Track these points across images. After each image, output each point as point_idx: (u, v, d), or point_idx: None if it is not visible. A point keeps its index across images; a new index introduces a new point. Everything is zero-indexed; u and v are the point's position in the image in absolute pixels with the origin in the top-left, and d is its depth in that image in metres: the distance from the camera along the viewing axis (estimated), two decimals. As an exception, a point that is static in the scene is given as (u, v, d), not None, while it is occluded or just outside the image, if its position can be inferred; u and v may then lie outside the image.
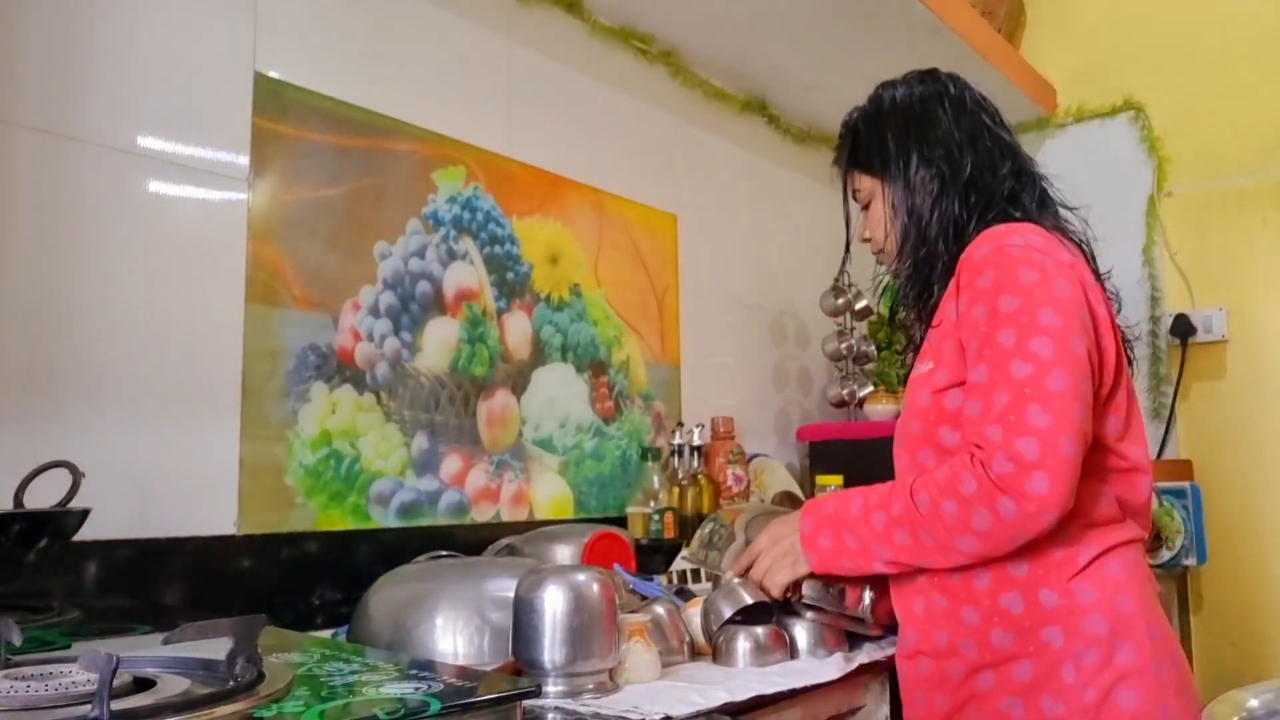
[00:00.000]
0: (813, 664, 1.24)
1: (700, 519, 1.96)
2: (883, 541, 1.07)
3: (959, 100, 1.23)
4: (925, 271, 1.19)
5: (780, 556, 1.19)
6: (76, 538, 1.05)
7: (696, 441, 2.01)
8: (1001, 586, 1.05)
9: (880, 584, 1.22)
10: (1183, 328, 2.45)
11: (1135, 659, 1.01)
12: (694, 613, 1.31)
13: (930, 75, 1.27)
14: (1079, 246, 1.17)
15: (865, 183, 1.27)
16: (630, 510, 1.92)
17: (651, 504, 1.92)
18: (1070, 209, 1.24)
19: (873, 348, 2.52)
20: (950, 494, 1.01)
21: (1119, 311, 1.19)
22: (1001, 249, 1.07)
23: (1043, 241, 1.08)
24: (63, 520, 1.03)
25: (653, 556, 1.72)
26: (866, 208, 1.28)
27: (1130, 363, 1.17)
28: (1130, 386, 1.13)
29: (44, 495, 1.04)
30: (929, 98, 1.23)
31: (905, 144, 1.21)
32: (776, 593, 1.20)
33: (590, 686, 1.04)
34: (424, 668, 0.85)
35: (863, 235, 1.31)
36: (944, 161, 1.19)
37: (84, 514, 1.04)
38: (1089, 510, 1.05)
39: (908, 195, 1.20)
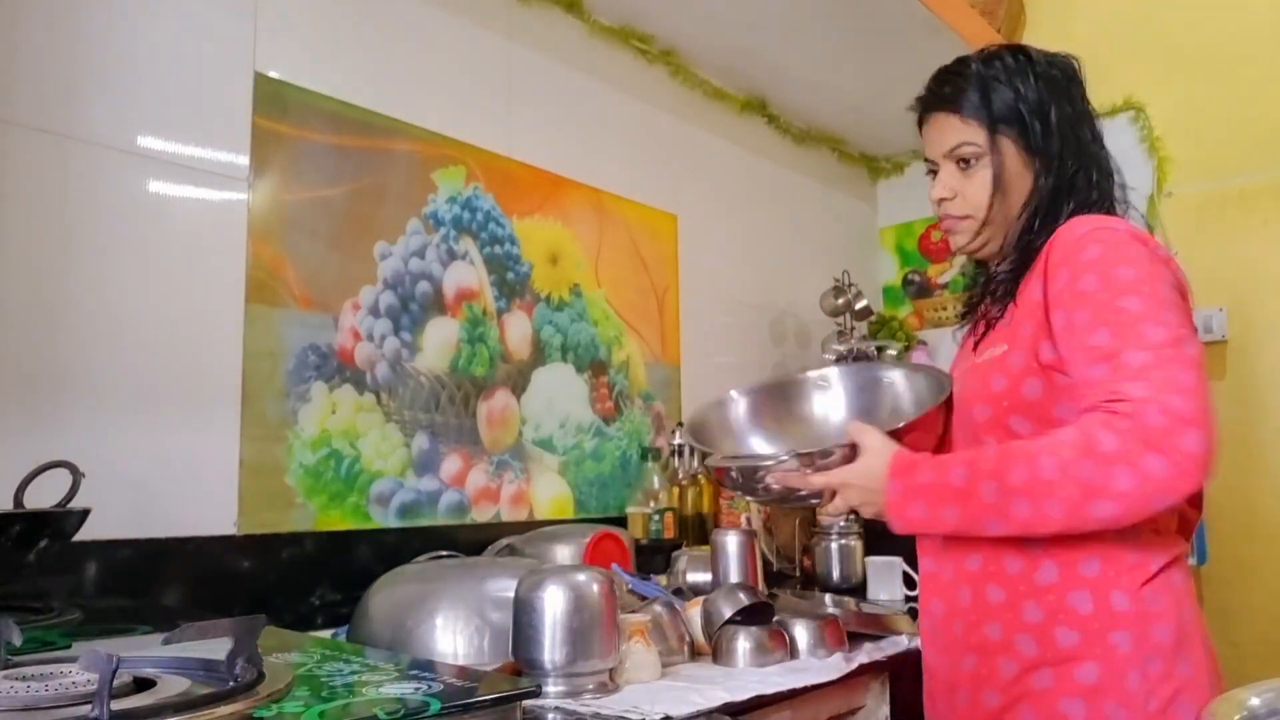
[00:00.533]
0: (813, 664, 1.24)
1: (700, 520, 1.97)
2: (995, 514, 0.96)
3: (1084, 95, 1.17)
4: (1028, 250, 1.11)
5: (859, 495, 1.07)
6: (76, 538, 1.05)
7: (696, 441, 2.01)
8: (1070, 584, 1.01)
9: None
10: (1183, 328, 2.45)
11: (1194, 672, 0.99)
12: (694, 613, 1.31)
13: (1064, 58, 1.17)
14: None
15: (983, 138, 1.13)
16: (630, 510, 1.92)
17: (651, 504, 1.92)
18: (1134, 209, 1.20)
19: (873, 348, 2.52)
20: (1087, 453, 0.91)
21: None
22: (1104, 227, 1.03)
23: (1141, 231, 1.05)
24: (63, 520, 1.03)
25: (653, 557, 1.72)
26: (964, 163, 1.15)
27: None
28: None
29: (44, 495, 1.04)
30: (1072, 78, 1.15)
31: (1051, 113, 1.12)
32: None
33: (590, 686, 1.04)
34: (424, 668, 0.85)
35: (943, 194, 1.16)
36: (1084, 148, 1.13)
37: (84, 514, 1.04)
38: (1161, 522, 1.02)
39: (1046, 169, 1.11)
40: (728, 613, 1.27)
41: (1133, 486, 0.90)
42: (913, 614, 1.74)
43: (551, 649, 1.03)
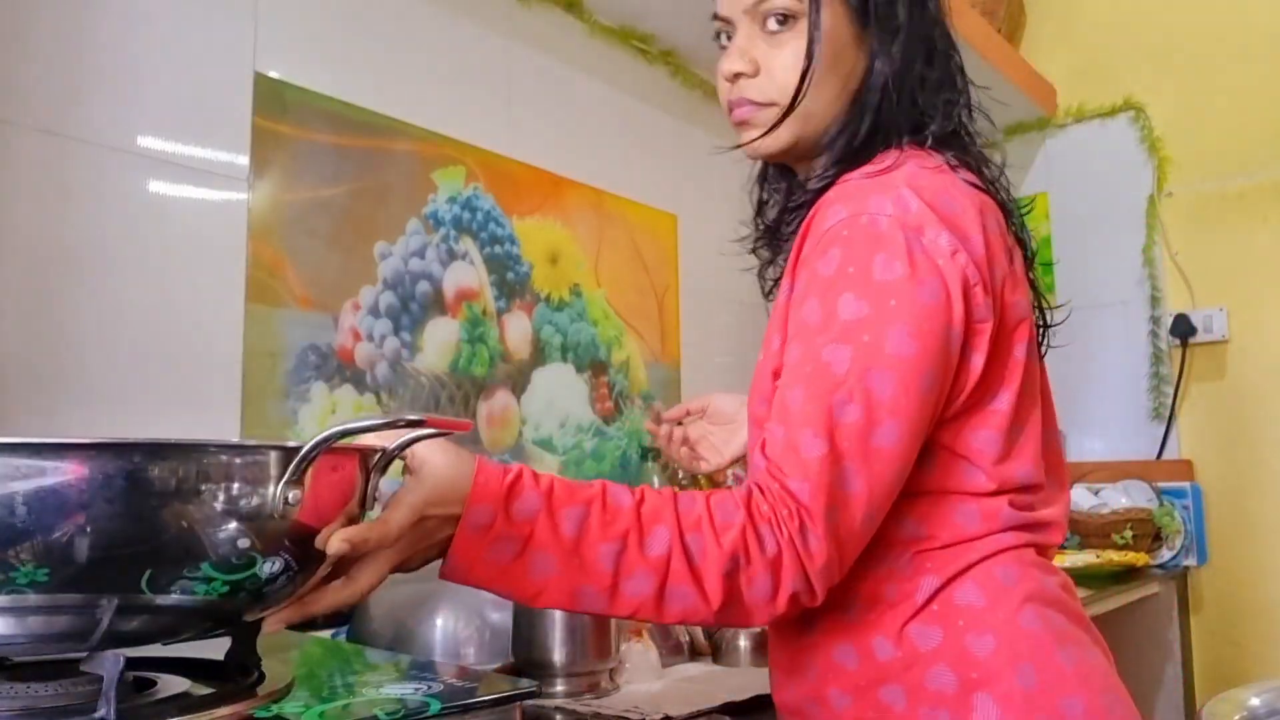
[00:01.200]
0: (813, 664, 1.24)
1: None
2: (601, 583, 0.71)
3: None
4: (847, 160, 0.85)
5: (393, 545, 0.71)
6: (76, 538, 1.05)
7: (696, 441, 2.01)
8: (833, 636, 0.81)
9: None
10: (1183, 328, 2.45)
11: (1000, 713, 0.75)
12: (694, 613, 1.31)
13: None
14: (994, 194, 0.86)
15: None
16: (630, 510, 1.92)
17: (651, 504, 1.92)
18: (989, 143, 0.94)
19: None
20: (741, 553, 0.71)
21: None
22: (856, 218, 0.78)
23: (923, 212, 0.77)
24: (62, 520, 1.03)
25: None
26: (777, 21, 0.86)
27: (1042, 352, 0.90)
28: (1042, 390, 0.87)
29: (44, 495, 1.04)
30: None
31: None
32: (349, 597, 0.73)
33: (590, 686, 1.04)
34: (424, 668, 0.85)
35: (740, 67, 0.88)
36: (921, 40, 0.87)
37: (84, 514, 1.04)
38: (934, 533, 0.80)
39: (884, 48, 0.85)
40: None
41: (756, 599, 0.72)
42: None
43: (551, 649, 1.03)
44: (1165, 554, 2.28)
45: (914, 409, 0.74)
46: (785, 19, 0.84)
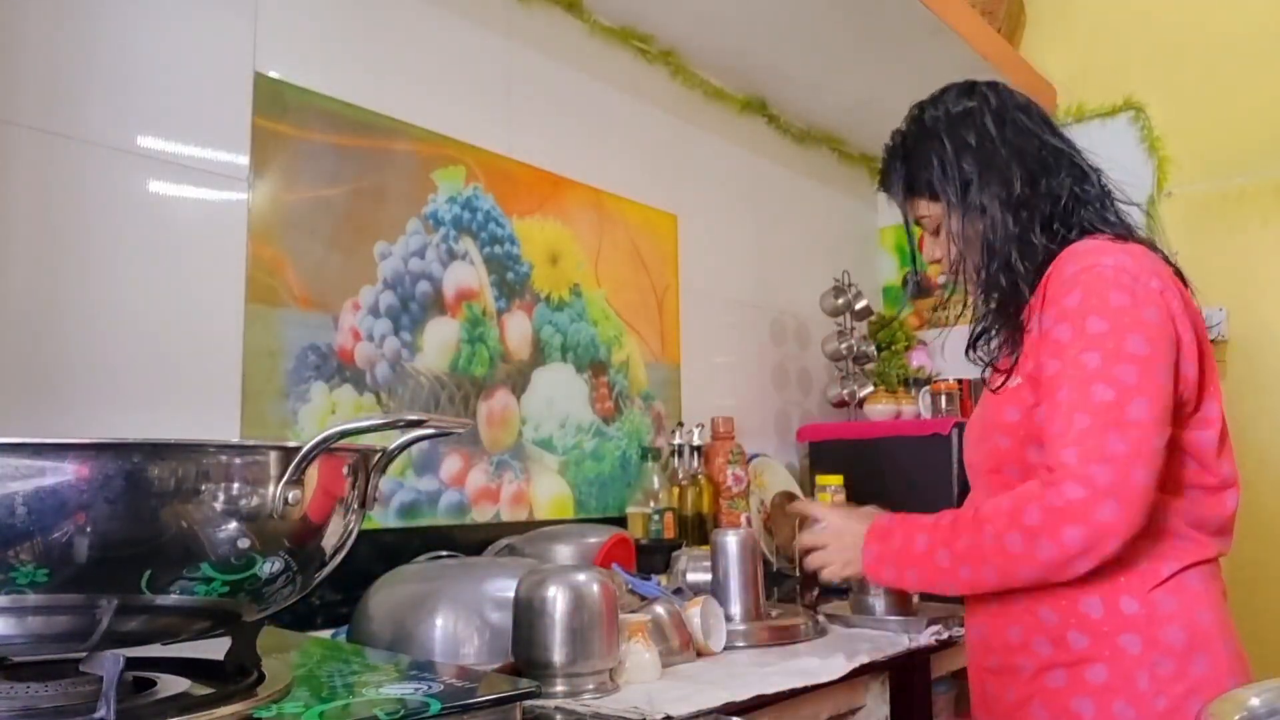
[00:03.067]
0: (813, 664, 1.24)
1: (700, 520, 1.97)
2: (946, 577, 1.10)
3: (1000, 113, 1.21)
4: (1008, 291, 1.16)
5: (839, 556, 1.26)
6: (76, 538, 1.05)
7: (696, 441, 2.01)
8: (1083, 590, 1.06)
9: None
10: (1183, 328, 2.45)
11: (1210, 672, 1.03)
12: (694, 612, 1.31)
13: (968, 90, 1.24)
14: (1165, 261, 1.14)
15: (929, 209, 1.24)
16: (630, 510, 1.92)
17: (651, 504, 1.92)
18: (1132, 204, 1.24)
19: (873, 348, 2.52)
20: (1014, 526, 1.02)
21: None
22: (1092, 268, 1.06)
23: (1135, 264, 1.07)
24: (62, 520, 1.03)
25: (653, 557, 1.72)
26: (936, 232, 1.25)
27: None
28: (1220, 399, 1.12)
29: (44, 495, 1.04)
30: (973, 114, 1.21)
31: (959, 167, 1.19)
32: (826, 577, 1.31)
33: (590, 686, 1.04)
34: (424, 668, 0.85)
35: (932, 257, 1.28)
36: (997, 183, 1.17)
37: (84, 514, 1.04)
38: (1177, 526, 1.07)
39: (971, 219, 1.19)
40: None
41: (1053, 556, 1.00)
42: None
43: (552, 649, 1.03)
44: (1165, 554, 2.28)
45: (1156, 389, 1.00)
46: (934, 226, 1.25)
